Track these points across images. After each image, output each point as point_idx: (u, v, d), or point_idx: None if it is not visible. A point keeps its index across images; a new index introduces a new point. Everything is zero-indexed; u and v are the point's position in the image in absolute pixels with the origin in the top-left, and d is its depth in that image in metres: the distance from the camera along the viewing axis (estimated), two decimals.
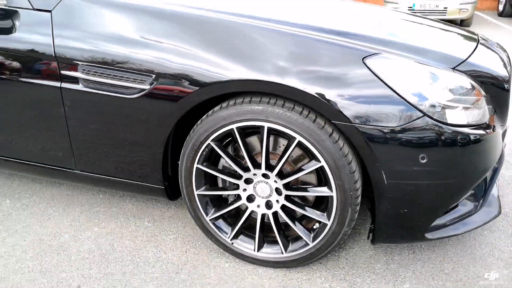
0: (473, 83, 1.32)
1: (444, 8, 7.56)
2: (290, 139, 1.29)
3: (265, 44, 1.28)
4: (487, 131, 1.32)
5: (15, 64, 1.51)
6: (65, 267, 1.53)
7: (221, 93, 1.32)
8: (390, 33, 1.55)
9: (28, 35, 1.46)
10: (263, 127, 1.29)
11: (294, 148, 1.30)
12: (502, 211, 1.67)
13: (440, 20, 2.14)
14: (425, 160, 1.22)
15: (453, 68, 1.34)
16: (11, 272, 1.50)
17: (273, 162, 1.38)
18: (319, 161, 1.28)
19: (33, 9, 1.47)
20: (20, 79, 1.51)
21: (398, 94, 1.20)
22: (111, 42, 1.38)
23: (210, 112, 1.36)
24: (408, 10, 7.75)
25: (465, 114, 1.28)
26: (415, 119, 1.19)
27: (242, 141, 1.35)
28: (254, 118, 1.29)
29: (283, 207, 1.41)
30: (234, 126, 1.32)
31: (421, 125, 1.20)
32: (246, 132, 1.38)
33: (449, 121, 1.24)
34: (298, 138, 1.27)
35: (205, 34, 1.33)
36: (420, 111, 1.20)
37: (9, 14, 1.50)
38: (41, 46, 1.44)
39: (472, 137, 1.27)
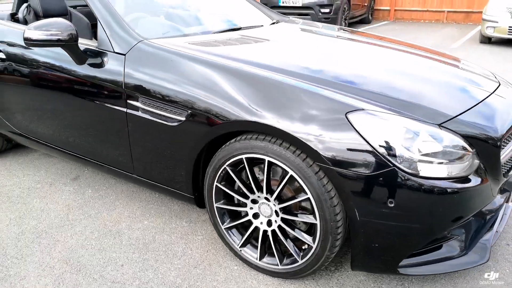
0: (457, 139, 1.46)
1: None
2: (284, 172, 1.57)
3: (268, 93, 1.57)
4: (467, 185, 1.45)
5: (98, 90, 2.01)
6: (116, 249, 1.99)
7: (235, 130, 1.65)
8: (388, 84, 1.71)
9: (109, 70, 1.96)
10: (264, 159, 1.60)
11: (287, 180, 1.58)
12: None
13: None
14: (392, 204, 1.41)
15: (439, 125, 1.49)
16: (79, 247, 2.01)
17: (274, 187, 1.67)
18: (306, 194, 1.53)
19: (113, 52, 1.97)
20: (100, 101, 2.01)
21: (372, 147, 1.40)
22: (163, 82, 1.80)
23: (227, 143, 1.70)
24: (509, 30, 7.25)
25: (445, 168, 1.43)
26: (385, 170, 1.39)
27: (249, 169, 1.66)
28: (257, 152, 1.60)
29: (280, 226, 1.69)
30: (243, 156, 1.64)
31: (390, 175, 1.39)
32: (254, 161, 1.68)
33: (421, 174, 1.40)
34: (290, 172, 1.54)
35: (224, 81, 1.67)
36: (391, 163, 1.39)
37: (98, 53, 2.01)
38: (116, 80, 1.92)
39: (448, 190, 1.42)
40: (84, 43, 2.07)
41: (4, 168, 2.84)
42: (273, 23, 2.76)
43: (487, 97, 1.76)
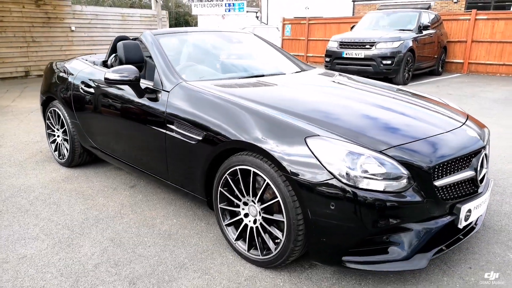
0: (393, 163, 1.88)
1: None
2: (264, 180, 2.09)
3: (254, 121, 2.14)
4: (398, 198, 1.85)
5: (150, 117, 2.75)
6: (148, 235, 2.62)
7: (232, 147, 2.23)
8: (354, 118, 2.18)
9: (158, 103, 2.69)
10: (250, 170, 2.14)
11: (266, 187, 2.09)
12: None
13: None
14: (333, 207, 1.85)
15: (380, 151, 1.92)
16: (123, 231, 2.68)
17: (258, 193, 2.18)
18: (277, 197, 2.04)
19: (162, 89, 2.71)
20: (150, 125, 2.74)
21: (321, 164, 1.88)
22: (189, 111, 2.46)
23: (229, 157, 2.28)
24: None
25: (382, 184, 1.86)
26: (328, 180, 1.85)
27: (242, 178, 2.21)
28: (247, 164, 2.15)
29: (261, 224, 2.19)
30: (237, 167, 2.21)
31: (332, 185, 1.85)
32: (246, 172, 2.22)
33: (359, 186, 1.84)
34: (267, 180, 2.06)
35: (228, 112, 2.28)
36: (333, 175, 1.85)
37: (153, 90, 2.77)
38: (161, 109, 2.64)
39: (385, 201, 1.83)
40: (144, 83, 2.85)
41: (84, 175, 3.71)
42: (297, 72, 3.35)
43: (440, 134, 2.14)
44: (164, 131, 2.63)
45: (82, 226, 2.76)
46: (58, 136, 3.92)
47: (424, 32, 10.21)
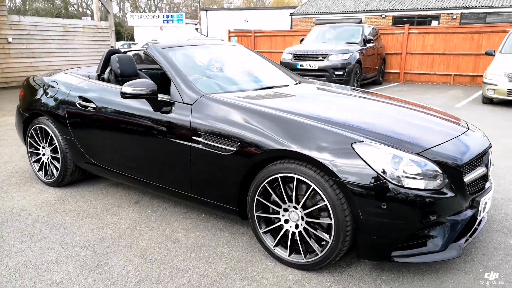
0: (430, 164, 2.09)
1: None
2: (309, 186, 2.20)
3: (297, 130, 2.26)
4: (439, 195, 2.06)
5: (168, 129, 2.73)
6: (177, 249, 2.59)
7: (272, 156, 2.32)
8: (382, 126, 2.39)
9: (178, 115, 2.69)
10: (293, 177, 2.24)
11: (311, 192, 2.21)
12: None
13: None
14: (385, 206, 2.02)
15: (418, 153, 2.13)
16: (149, 248, 2.62)
17: (300, 199, 2.29)
18: (324, 201, 2.16)
19: (182, 102, 2.71)
20: (168, 138, 2.72)
21: (371, 167, 2.05)
22: (221, 124, 2.50)
23: (266, 166, 2.36)
24: (507, 92, 7.95)
25: (423, 182, 2.06)
26: (379, 182, 2.02)
27: (282, 185, 2.31)
28: (289, 171, 2.25)
29: (305, 228, 2.29)
30: (278, 175, 2.29)
31: (383, 186, 2.02)
32: (286, 180, 2.32)
33: (405, 185, 2.03)
34: (313, 185, 2.18)
35: (264, 123, 2.37)
36: (382, 177, 2.02)
37: (170, 103, 2.76)
38: (184, 122, 2.65)
39: (425, 198, 2.03)
40: (160, 96, 2.83)
41: (78, 194, 3.53)
42: (296, 83, 3.52)
43: (457, 136, 2.41)
44: (188, 143, 2.63)
45: (102, 246, 2.65)
46: (43, 154, 3.69)
47: (368, 45, 10.99)
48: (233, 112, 2.52)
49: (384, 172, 2.04)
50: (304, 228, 2.30)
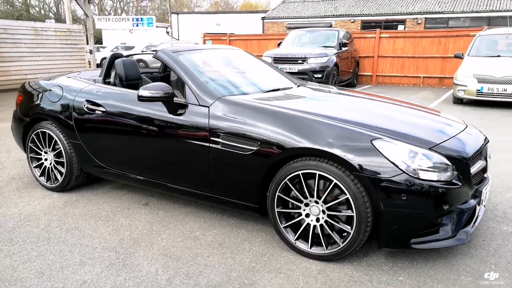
0: (441, 157, 2.29)
1: None
2: (330, 181, 2.35)
3: (319, 130, 2.40)
4: (450, 186, 2.26)
5: (184, 131, 2.81)
6: (199, 247, 2.67)
7: (294, 154, 2.45)
8: (400, 125, 2.57)
9: (195, 117, 2.77)
10: (315, 173, 2.38)
11: (332, 187, 2.35)
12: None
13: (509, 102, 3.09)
14: (405, 197, 2.19)
15: (430, 148, 2.33)
16: (171, 246, 2.68)
17: (321, 194, 2.43)
18: (346, 195, 2.31)
19: (199, 104, 2.80)
20: (185, 139, 2.80)
21: (391, 161, 2.22)
22: (241, 125, 2.61)
23: (287, 163, 2.49)
24: (477, 93, 8.43)
25: (436, 175, 2.25)
26: (399, 175, 2.19)
27: (304, 181, 2.44)
28: (311, 168, 2.39)
29: (326, 221, 2.44)
30: (300, 172, 2.43)
31: (402, 178, 2.19)
32: (308, 175, 2.46)
33: (421, 177, 2.21)
34: (335, 180, 2.33)
35: (287, 122, 2.50)
36: (402, 170, 2.20)
37: (185, 105, 2.84)
38: (201, 123, 2.74)
39: (439, 188, 2.22)
40: (175, 99, 2.90)
41: (84, 198, 3.53)
42: (298, 86, 3.67)
43: (459, 133, 2.63)
44: (207, 144, 2.72)
45: (122, 246, 2.69)
46: (46, 159, 3.65)
47: (343, 48, 11.36)
48: (252, 113, 2.64)
49: (402, 165, 2.21)
50: (326, 221, 2.44)
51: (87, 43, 13.27)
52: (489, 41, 9.51)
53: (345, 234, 2.40)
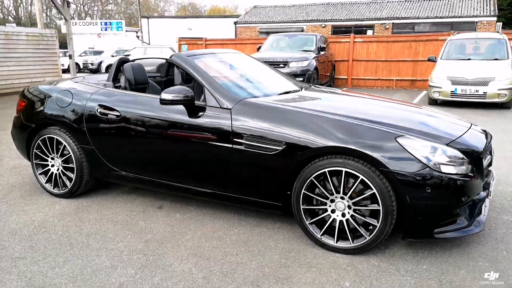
0: (458, 152, 2.46)
1: (484, 92, 8.60)
2: (356, 177, 2.47)
3: (345, 129, 2.53)
4: (466, 178, 2.43)
5: (206, 133, 2.87)
6: (225, 246, 2.73)
7: (320, 152, 2.56)
8: (414, 123, 2.74)
9: (217, 120, 2.83)
10: (341, 170, 2.50)
11: (358, 182, 2.48)
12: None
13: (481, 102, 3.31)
14: (429, 190, 2.35)
15: (447, 144, 2.50)
16: (196, 247, 2.72)
17: (346, 190, 2.55)
18: (372, 190, 2.44)
19: (220, 107, 2.87)
20: (207, 141, 2.86)
21: (414, 156, 2.37)
22: (266, 126, 2.69)
23: (312, 162, 2.59)
24: (451, 94, 8.87)
25: (454, 168, 2.42)
26: (423, 169, 2.35)
27: (330, 178, 2.55)
28: (337, 165, 2.50)
29: (352, 216, 2.56)
30: (326, 170, 2.54)
31: (426, 172, 2.35)
32: (332, 173, 2.57)
33: (442, 171, 2.38)
34: (361, 177, 2.45)
35: (312, 122, 2.61)
36: (426, 165, 2.35)
37: (204, 108, 2.90)
38: (223, 126, 2.80)
39: (457, 181, 2.39)
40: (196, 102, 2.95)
41: (95, 203, 3.50)
42: (305, 88, 3.79)
43: (468, 130, 2.83)
44: (230, 145, 2.79)
45: (149, 248, 2.71)
46: (53, 165, 3.59)
47: (321, 52, 11.64)
48: (276, 114, 2.73)
49: (425, 160, 2.37)
50: (351, 216, 2.56)
51: (67, 48, 12.91)
52: (459, 45, 10.05)
53: (371, 227, 2.52)
